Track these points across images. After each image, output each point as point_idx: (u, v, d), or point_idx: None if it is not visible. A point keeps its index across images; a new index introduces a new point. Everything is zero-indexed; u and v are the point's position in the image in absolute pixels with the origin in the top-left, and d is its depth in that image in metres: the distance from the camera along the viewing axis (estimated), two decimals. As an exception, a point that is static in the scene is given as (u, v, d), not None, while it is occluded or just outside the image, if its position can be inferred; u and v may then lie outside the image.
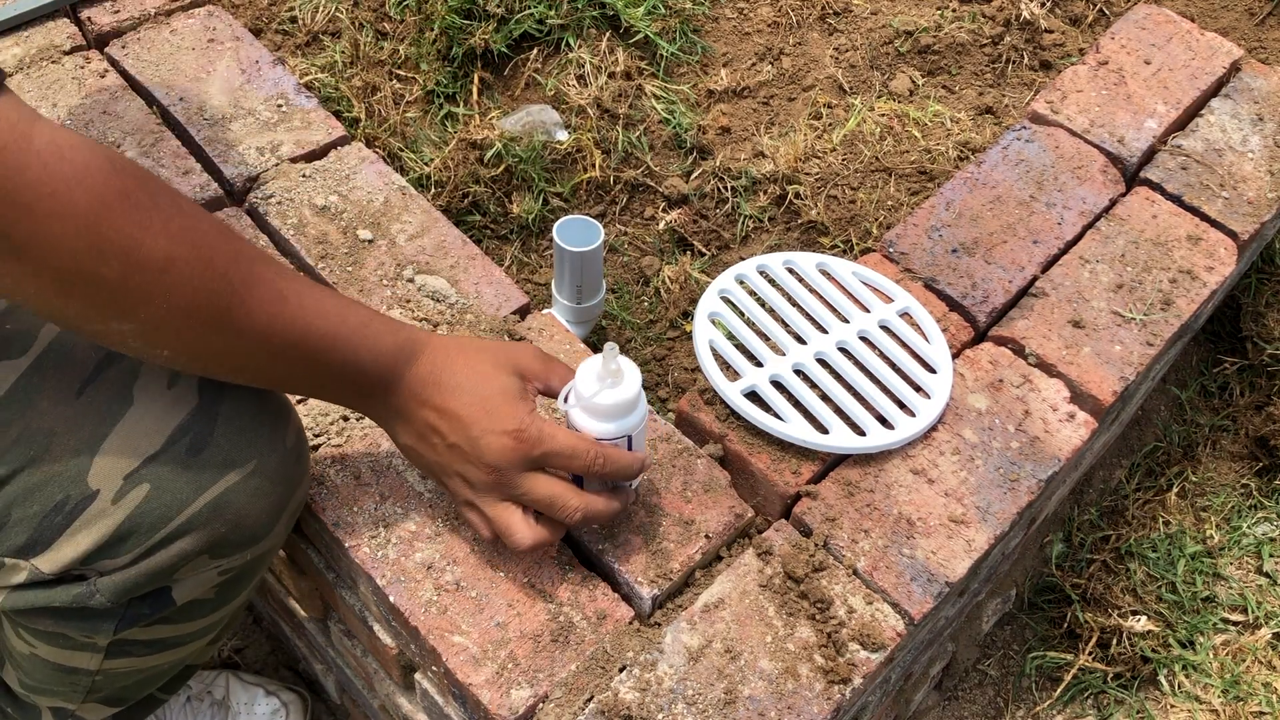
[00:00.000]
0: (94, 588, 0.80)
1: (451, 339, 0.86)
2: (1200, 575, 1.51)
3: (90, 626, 0.85)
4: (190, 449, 0.79)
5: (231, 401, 0.82)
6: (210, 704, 1.31)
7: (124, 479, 0.78)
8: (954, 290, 1.16)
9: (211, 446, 0.80)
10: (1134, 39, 1.43)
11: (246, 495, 0.82)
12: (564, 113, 1.46)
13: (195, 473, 0.79)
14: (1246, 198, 1.28)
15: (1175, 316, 1.16)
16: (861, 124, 1.45)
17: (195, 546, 0.81)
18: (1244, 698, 1.40)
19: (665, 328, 1.34)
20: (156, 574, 0.81)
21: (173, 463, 0.79)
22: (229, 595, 0.91)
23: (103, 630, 0.85)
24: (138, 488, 0.78)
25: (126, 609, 0.84)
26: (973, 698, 1.47)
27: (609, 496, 0.87)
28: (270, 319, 0.75)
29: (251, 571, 0.90)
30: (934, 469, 1.02)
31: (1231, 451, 1.65)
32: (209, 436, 0.80)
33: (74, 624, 0.85)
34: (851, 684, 0.88)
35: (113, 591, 0.81)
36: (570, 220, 1.21)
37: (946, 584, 0.95)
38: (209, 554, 0.82)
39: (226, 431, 0.81)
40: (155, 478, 0.78)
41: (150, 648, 0.91)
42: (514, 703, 0.85)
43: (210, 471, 0.80)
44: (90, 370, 0.80)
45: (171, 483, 0.79)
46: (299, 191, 1.17)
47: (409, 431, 0.85)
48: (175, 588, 0.85)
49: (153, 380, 0.80)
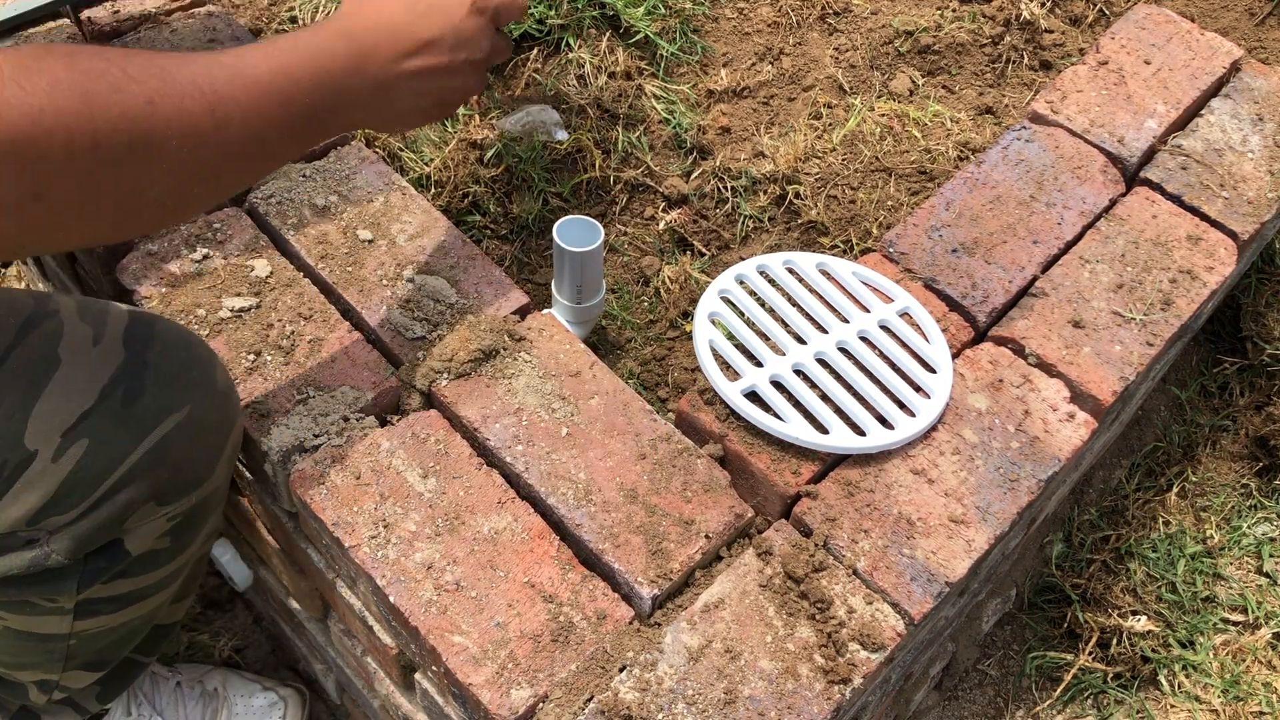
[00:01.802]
0: (49, 548, 0.82)
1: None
2: (1200, 575, 1.51)
3: (53, 589, 0.87)
4: (124, 401, 0.81)
5: (159, 350, 0.84)
6: (201, 693, 1.31)
7: (61, 436, 0.79)
8: (954, 290, 1.16)
9: (145, 396, 0.82)
10: (1134, 39, 1.43)
11: (185, 439, 0.84)
12: (564, 113, 1.46)
13: (132, 423, 0.81)
14: (1246, 198, 1.28)
15: (1175, 316, 1.16)
16: (861, 124, 1.45)
17: (140, 495, 0.83)
18: (1244, 698, 1.40)
19: (665, 328, 1.34)
20: (106, 525, 0.83)
21: (109, 415, 0.80)
22: (182, 543, 0.93)
23: (65, 590, 0.87)
24: (76, 444, 0.79)
25: (84, 565, 0.86)
26: (973, 698, 1.47)
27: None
28: (249, 87, 0.72)
29: (200, 517, 0.92)
30: (934, 469, 1.02)
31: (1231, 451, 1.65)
32: (141, 386, 0.82)
33: (36, 589, 0.86)
34: (851, 684, 0.89)
35: (67, 548, 0.82)
36: (570, 220, 1.21)
37: (946, 584, 0.95)
38: (155, 501, 0.85)
39: (158, 380, 0.83)
40: (92, 432, 0.80)
41: (116, 604, 0.93)
42: (514, 703, 0.85)
43: (147, 420, 0.82)
44: (12, 335, 0.80)
45: (110, 435, 0.80)
46: (299, 191, 1.17)
47: (399, 76, 0.88)
48: (127, 539, 0.86)
49: (78, 339, 0.82)
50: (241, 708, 1.32)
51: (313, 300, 1.08)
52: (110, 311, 0.85)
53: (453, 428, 1.01)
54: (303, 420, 0.99)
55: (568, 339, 1.07)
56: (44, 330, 0.81)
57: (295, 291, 1.09)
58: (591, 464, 0.98)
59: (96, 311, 0.85)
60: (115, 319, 0.85)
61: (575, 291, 1.23)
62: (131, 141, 0.65)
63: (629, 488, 0.96)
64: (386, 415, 1.03)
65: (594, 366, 1.05)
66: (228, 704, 1.32)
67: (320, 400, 1.01)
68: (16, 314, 0.81)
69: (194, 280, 1.08)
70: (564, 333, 1.08)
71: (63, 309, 0.83)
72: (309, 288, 1.09)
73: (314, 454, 0.97)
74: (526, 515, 0.96)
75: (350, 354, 1.05)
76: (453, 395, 1.01)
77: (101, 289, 1.19)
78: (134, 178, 0.67)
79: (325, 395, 1.01)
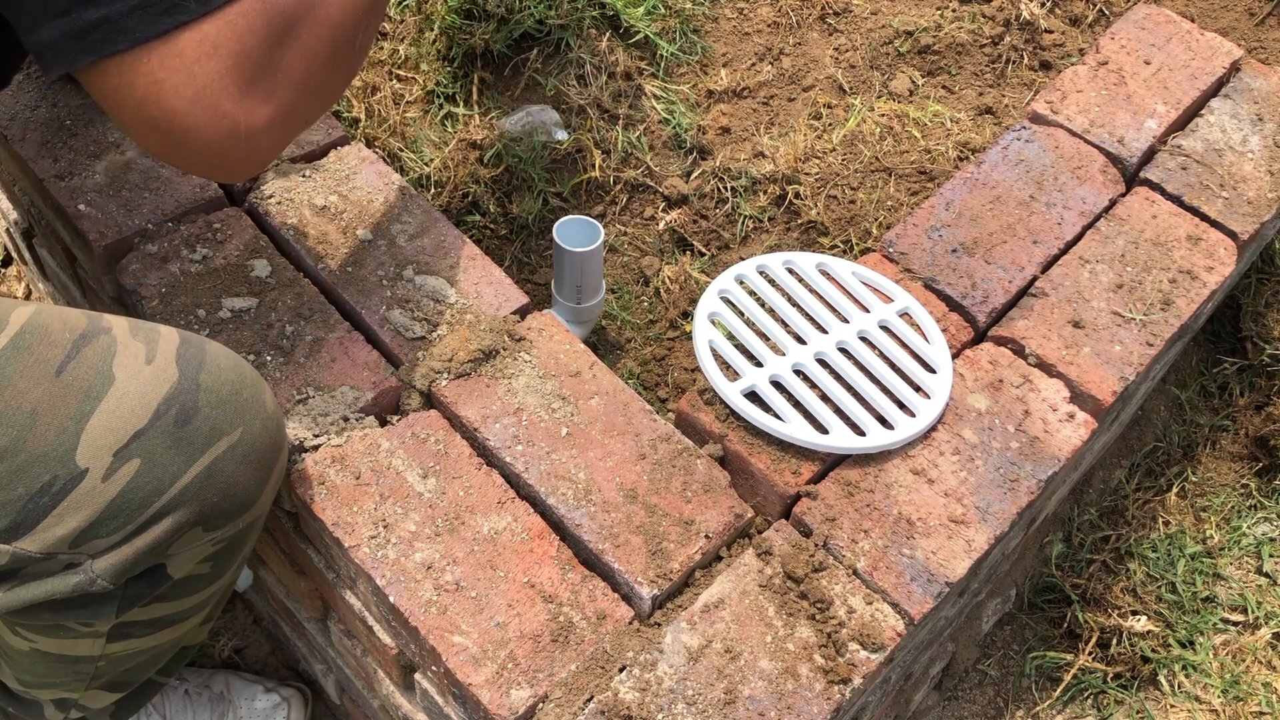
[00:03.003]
0: (92, 573, 0.80)
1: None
2: (1200, 575, 1.51)
3: (90, 613, 0.85)
4: (178, 421, 0.80)
5: (210, 371, 0.83)
6: (209, 698, 1.31)
7: (113, 455, 0.78)
8: (954, 290, 1.16)
9: (198, 417, 0.80)
10: (1134, 39, 1.43)
11: (235, 462, 0.83)
12: (564, 113, 1.46)
13: (185, 444, 0.80)
14: (1246, 198, 1.28)
15: (1175, 316, 1.16)
16: (861, 124, 1.45)
17: (188, 519, 0.81)
18: (1244, 698, 1.40)
19: (665, 328, 1.34)
20: (151, 550, 0.81)
21: (162, 436, 0.79)
22: (222, 568, 0.91)
23: (103, 615, 0.86)
24: (128, 463, 0.78)
25: (125, 590, 0.84)
26: (973, 698, 1.47)
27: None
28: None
29: (241, 542, 0.91)
30: (934, 469, 1.02)
31: (1231, 451, 1.65)
32: (195, 407, 0.80)
33: (74, 613, 0.85)
34: (851, 684, 0.89)
35: (111, 573, 0.80)
36: (570, 220, 1.21)
37: (946, 584, 0.95)
38: (202, 525, 0.83)
39: (211, 401, 0.81)
40: (145, 452, 0.78)
41: (150, 627, 0.91)
42: (514, 703, 0.85)
43: (200, 441, 0.81)
44: (68, 349, 0.79)
45: (162, 456, 0.79)
46: (299, 191, 1.17)
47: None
48: (170, 563, 0.85)
49: (131, 357, 0.81)
50: (246, 711, 1.32)
51: (313, 300, 1.08)
52: (161, 332, 0.84)
53: (453, 428, 1.01)
54: (303, 420, 0.99)
55: (568, 339, 1.07)
56: (98, 346, 0.80)
57: (295, 291, 1.09)
58: (591, 464, 0.98)
59: (148, 330, 0.84)
60: (166, 339, 0.84)
61: (575, 291, 1.23)
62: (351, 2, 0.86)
63: (629, 488, 0.97)
64: (386, 415, 1.03)
65: (594, 366, 1.05)
66: (233, 708, 1.32)
67: (320, 400, 1.01)
68: (72, 329, 0.81)
69: (194, 280, 1.08)
70: (564, 333, 1.08)
71: (115, 327, 0.83)
72: (309, 288, 1.09)
73: (314, 454, 0.97)
74: (526, 515, 0.96)
75: (350, 354, 1.05)
76: (453, 395, 1.01)
77: (101, 288, 1.19)
78: (359, 28, 0.88)
79: (325, 395, 1.01)
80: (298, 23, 0.80)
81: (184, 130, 0.77)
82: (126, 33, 0.73)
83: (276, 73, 0.79)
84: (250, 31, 0.77)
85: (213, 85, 0.76)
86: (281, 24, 0.79)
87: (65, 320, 0.81)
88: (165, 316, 1.05)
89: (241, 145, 0.79)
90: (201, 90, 0.76)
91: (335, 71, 0.86)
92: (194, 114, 0.76)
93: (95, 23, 0.73)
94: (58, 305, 0.89)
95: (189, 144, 0.78)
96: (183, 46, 0.74)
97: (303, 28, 0.81)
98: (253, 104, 0.78)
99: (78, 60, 0.74)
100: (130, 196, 1.14)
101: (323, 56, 0.83)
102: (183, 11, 0.74)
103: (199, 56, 0.75)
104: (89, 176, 1.15)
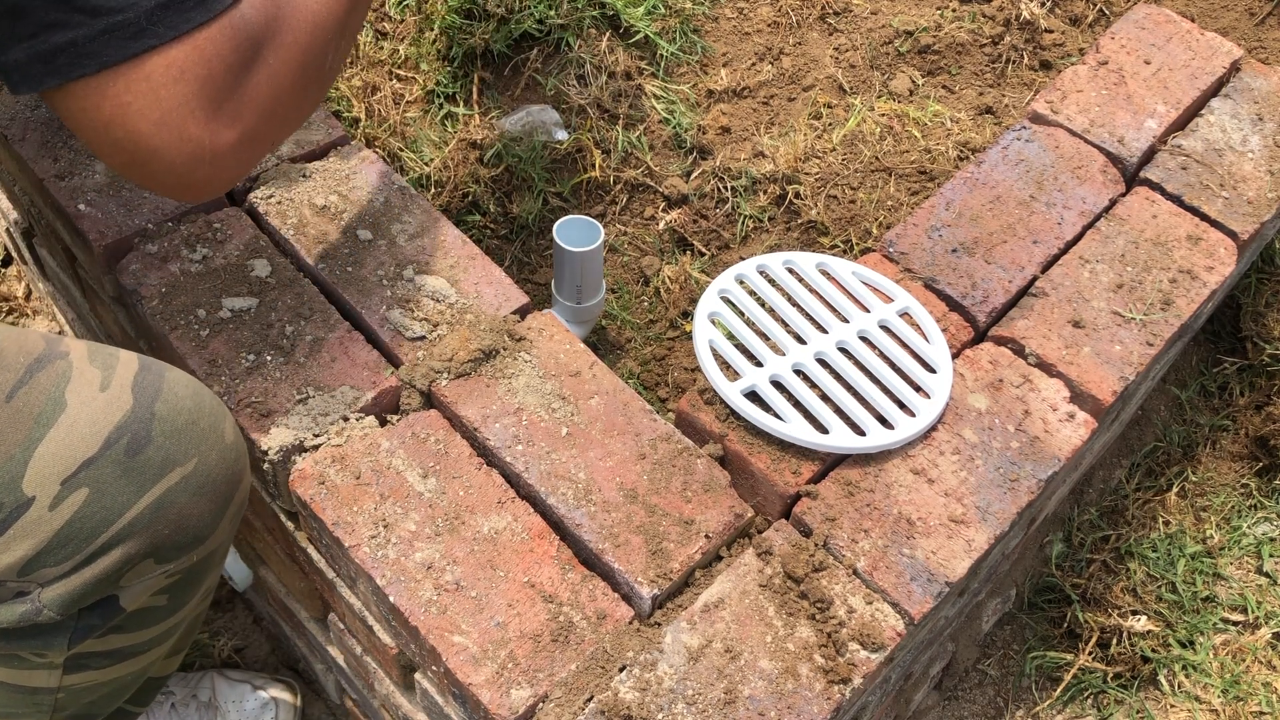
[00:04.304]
0: (39, 603, 0.79)
1: None
2: (1200, 575, 1.51)
3: (42, 644, 0.83)
4: (129, 450, 0.78)
5: (167, 400, 0.81)
6: (197, 707, 1.30)
7: (61, 484, 0.76)
8: (954, 290, 1.16)
9: (151, 446, 0.79)
10: (1134, 39, 1.43)
11: (189, 494, 0.81)
12: (564, 113, 1.46)
13: (136, 474, 0.78)
14: (1246, 198, 1.28)
15: (1175, 316, 1.16)
16: (861, 124, 1.45)
17: (139, 550, 0.80)
18: (1244, 698, 1.40)
19: (665, 328, 1.34)
20: (101, 581, 0.80)
21: (112, 465, 0.78)
22: (179, 601, 0.90)
23: (55, 646, 0.84)
24: (76, 492, 0.77)
25: (77, 621, 0.82)
26: (973, 698, 1.47)
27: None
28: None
29: (199, 574, 0.89)
30: (934, 469, 1.02)
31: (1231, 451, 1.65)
32: (148, 436, 0.79)
33: (25, 643, 0.83)
34: (851, 684, 0.89)
35: (59, 604, 0.79)
36: (570, 220, 1.21)
37: (946, 584, 0.95)
38: (153, 558, 0.81)
39: (165, 430, 0.80)
40: (94, 481, 0.77)
41: (108, 659, 0.90)
42: (514, 703, 0.85)
43: (151, 472, 0.79)
44: (21, 373, 0.78)
45: (111, 486, 0.77)
46: (299, 191, 1.17)
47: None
48: (122, 595, 0.83)
49: (85, 384, 0.79)
50: (235, 715, 1.31)
51: (313, 300, 1.08)
52: (120, 358, 0.83)
53: (453, 427, 1.01)
54: (303, 420, 0.99)
55: (568, 339, 1.07)
56: (52, 371, 0.79)
57: (295, 291, 1.09)
58: (591, 464, 0.98)
59: (106, 356, 0.83)
60: (125, 365, 0.83)
61: (575, 291, 1.23)
62: (319, 27, 0.87)
63: (629, 487, 0.97)
64: (386, 415, 1.03)
65: (594, 366, 1.05)
66: (221, 714, 1.30)
67: (320, 400, 1.01)
68: (27, 353, 0.80)
69: (194, 280, 1.08)
70: (564, 333, 1.08)
71: (73, 351, 0.82)
72: (309, 288, 1.09)
73: (314, 454, 0.97)
74: (526, 515, 0.96)
75: (350, 354, 1.05)
76: (453, 395, 1.01)
77: (101, 288, 1.19)
78: (328, 51, 0.89)
79: (325, 395, 1.01)
80: (265, 47, 0.80)
81: (149, 152, 0.77)
82: (93, 57, 0.73)
83: (243, 96, 0.79)
84: (218, 56, 0.77)
85: (179, 109, 0.76)
86: (249, 49, 0.79)
87: (21, 344, 0.80)
88: (165, 316, 1.05)
89: (206, 167, 0.79)
90: (167, 114, 0.75)
91: (304, 93, 0.86)
92: (159, 136, 0.76)
93: (62, 46, 0.72)
94: (16, 327, 0.88)
95: (153, 165, 0.78)
96: (149, 71, 0.74)
97: (270, 52, 0.81)
98: (218, 127, 0.78)
99: (44, 83, 0.74)
100: (130, 196, 1.14)
101: (290, 80, 0.83)
102: (151, 36, 0.74)
103: (165, 81, 0.75)
104: (89, 176, 1.15)
